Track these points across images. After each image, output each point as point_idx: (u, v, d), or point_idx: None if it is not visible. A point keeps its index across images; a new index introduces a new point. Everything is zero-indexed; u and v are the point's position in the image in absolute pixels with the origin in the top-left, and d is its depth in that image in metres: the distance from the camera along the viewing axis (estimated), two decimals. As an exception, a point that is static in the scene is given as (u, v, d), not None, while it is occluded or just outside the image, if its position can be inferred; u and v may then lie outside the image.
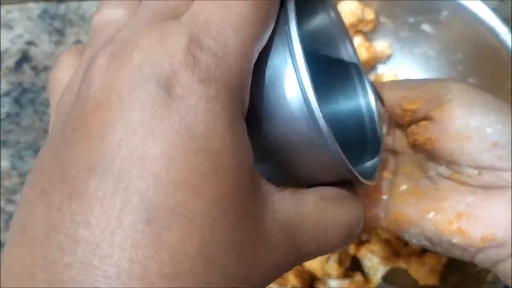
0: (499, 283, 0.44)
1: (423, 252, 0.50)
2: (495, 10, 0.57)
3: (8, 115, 0.61)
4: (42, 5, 0.67)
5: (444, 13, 0.53)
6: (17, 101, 0.62)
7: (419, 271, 0.48)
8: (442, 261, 0.49)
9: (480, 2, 0.51)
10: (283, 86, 0.22)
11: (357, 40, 0.57)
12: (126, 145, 0.17)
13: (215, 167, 0.17)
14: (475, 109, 0.31)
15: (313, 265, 0.46)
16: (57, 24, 0.66)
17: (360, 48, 0.56)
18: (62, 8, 0.67)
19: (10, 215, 0.57)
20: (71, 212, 0.17)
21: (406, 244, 0.50)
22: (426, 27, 0.55)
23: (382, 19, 0.57)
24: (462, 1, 0.51)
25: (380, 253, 0.48)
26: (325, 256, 0.46)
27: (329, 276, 0.47)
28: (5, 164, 0.59)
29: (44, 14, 0.66)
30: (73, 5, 0.67)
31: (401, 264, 0.49)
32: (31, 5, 0.67)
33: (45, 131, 0.61)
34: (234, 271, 0.18)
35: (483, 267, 0.32)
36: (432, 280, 0.48)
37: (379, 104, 0.32)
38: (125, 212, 0.16)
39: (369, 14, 0.56)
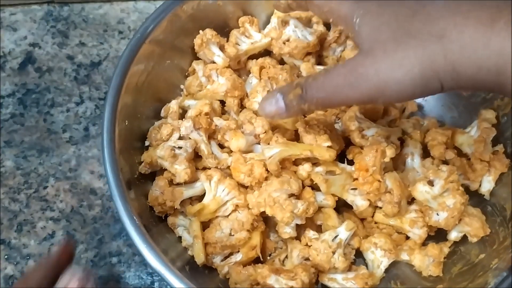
0: (503, 269, 0.42)
1: (425, 244, 0.48)
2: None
3: (12, 115, 0.58)
4: (45, 7, 0.63)
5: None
6: (21, 102, 0.58)
7: (423, 263, 0.46)
8: (445, 252, 0.47)
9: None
10: None
11: (350, 45, 0.55)
12: None
13: None
14: None
15: (320, 258, 0.44)
16: (60, 26, 0.62)
17: (353, 51, 0.54)
18: (65, 10, 0.63)
19: (14, 214, 0.53)
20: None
21: (407, 237, 0.48)
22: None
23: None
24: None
25: (383, 246, 0.46)
26: (331, 250, 0.44)
27: (335, 269, 0.45)
28: (9, 163, 0.55)
29: (47, 16, 0.63)
30: (76, 7, 0.63)
31: (404, 256, 0.47)
32: (35, 7, 0.63)
33: (49, 131, 0.57)
34: None
35: None
36: (435, 270, 0.46)
37: None
38: None
39: None
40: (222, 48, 0.52)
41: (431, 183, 0.46)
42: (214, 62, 0.52)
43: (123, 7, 0.64)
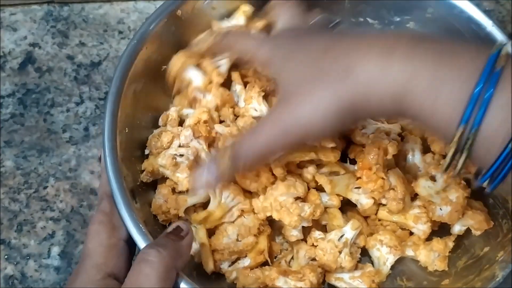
0: (510, 261, 0.41)
1: (429, 239, 0.47)
2: (491, 11, 0.55)
3: (12, 115, 0.57)
4: (45, 7, 0.63)
5: (430, 11, 0.50)
6: (21, 102, 0.58)
7: (428, 258, 0.46)
8: (449, 246, 0.46)
9: (464, -2, 0.48)
10: None
11: None
12: None
13: None
14: None
15: (326, 258, 0.43)
16: (60, 26, 0.62)
17: None
18: (65, 10, 0.63)
19: (14, 214, 0.52)
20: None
21: (411, 233, 0.48)
22: (412, 25, 0.52)
23: (369, 19, 0.54)
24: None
25: (388, 243, 0.46)
26: (337, 250, 0.44)
27: (342, 269, 0.44)
28: (9, 163, 0.55)
29: (47, 16, 0.62)
30: (76, 7, 0.63)
31: (409, 252, 0.47)
32: (35, 7, 0.63)
33: (49, 131, 0.56)
34: None
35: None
36: (441, 265, 0.45)
37: None
38: None
39: None
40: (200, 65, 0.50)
41: (433, 179, 0.45)
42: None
43: (123, 7, 0.64)
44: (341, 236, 0.45)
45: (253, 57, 0.40)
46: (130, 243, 0.40)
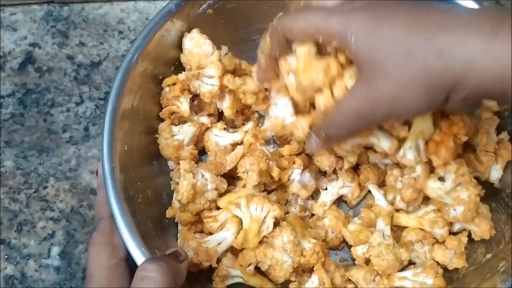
0: (510, 273, 0.40)
1: (439, 242, 0.47)
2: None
3: (12, 115, 0.57)
4: (45, 7, 0.62)
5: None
6: (21, 102, 0.57)
7: (445, 257, 0.45)
8: (464, 241, 0.45)
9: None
10: None
11: None
12: None
13: None
14: None
15: (387, 262, 0.43)
16: (60, 26, 0.61)
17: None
18: (65, 10, 0.62)
19: (14, 214, 0.52)
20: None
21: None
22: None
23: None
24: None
25: (417, 238, 0.46)
26: (391, 247, 0.43)
27: (402, 264, 0.43)
28: (9, 163, 0.55)
29: (47, 16, 0.62)
30: (76, 7, 0.62)
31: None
32: (35, 7, 0.62)
33: (49, 131, 0.56)
34: None
35: None
36: (459, 262, 0.44)
37: None
38: None
39: None
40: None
41: (442, 179, 0.44)
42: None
43: (123, 7, 0.63)
44: (383, 235, 0.44)
45: (321, 28, 0.35)
46: (131, 262, 0.40)
